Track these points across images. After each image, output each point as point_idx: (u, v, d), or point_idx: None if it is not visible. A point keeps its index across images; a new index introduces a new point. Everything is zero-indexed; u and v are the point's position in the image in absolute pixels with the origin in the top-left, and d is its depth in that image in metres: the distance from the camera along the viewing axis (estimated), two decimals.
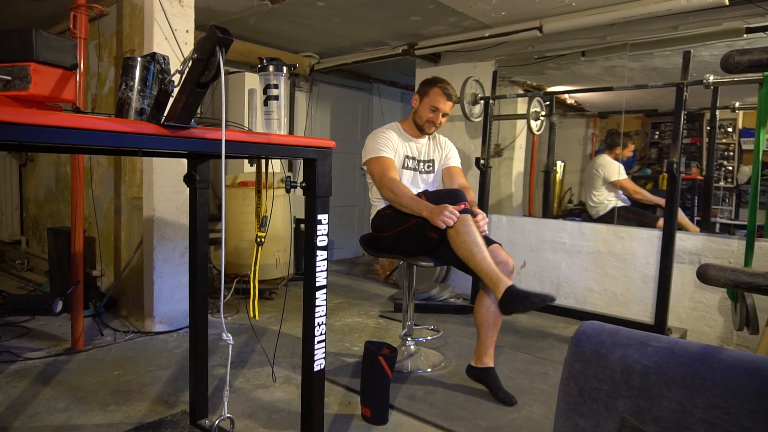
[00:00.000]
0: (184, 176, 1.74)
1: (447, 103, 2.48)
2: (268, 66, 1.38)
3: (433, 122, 2.50)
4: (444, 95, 2.47)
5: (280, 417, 2.00)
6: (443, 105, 2.47)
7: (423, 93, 2.52)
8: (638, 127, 4.94)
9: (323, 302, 1.49)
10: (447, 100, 2.48)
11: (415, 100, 2.56)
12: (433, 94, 2.48)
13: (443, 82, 2.50)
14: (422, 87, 2.54)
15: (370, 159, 2.44)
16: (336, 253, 5.58)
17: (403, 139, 2.54)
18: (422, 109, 2.51)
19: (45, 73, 1.13)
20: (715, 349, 0.83)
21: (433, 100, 2.48)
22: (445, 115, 2.50)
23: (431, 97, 2.48)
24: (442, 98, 2.47)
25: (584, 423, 0.88)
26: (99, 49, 3.40)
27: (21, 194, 4.76)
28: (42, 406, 2.02)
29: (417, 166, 2.57)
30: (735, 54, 1.22)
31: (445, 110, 2.49)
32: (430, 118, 2.49)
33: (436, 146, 2.64)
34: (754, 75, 2.52)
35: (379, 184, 2.40)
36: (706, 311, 3.04)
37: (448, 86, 2.49)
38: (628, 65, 3.68)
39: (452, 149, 2.68)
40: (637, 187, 4.13)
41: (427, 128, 2.52)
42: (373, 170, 2.43)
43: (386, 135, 2.48)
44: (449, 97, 2.48)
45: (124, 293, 3.24)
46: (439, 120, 2.50)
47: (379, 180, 2.39)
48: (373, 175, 2.43)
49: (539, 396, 2.23)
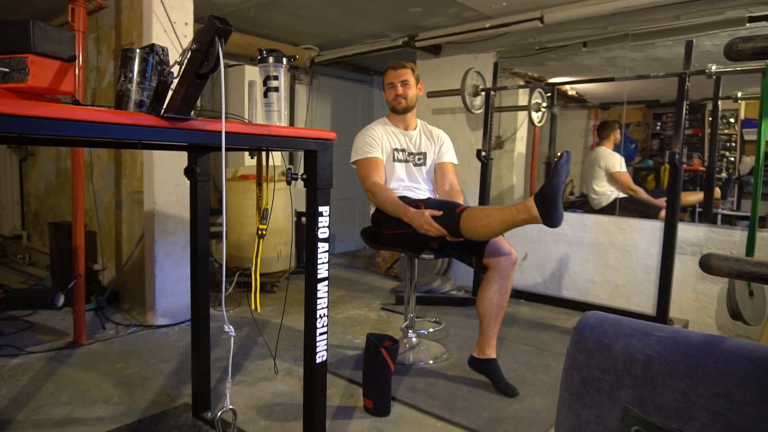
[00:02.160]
0: (184, 169, 1.74)
1: (397, 72, 2.49)
2: (267, 57, 1.38)
3: (397, 96, 2.50)
4: (391, 68, 2.51)
5: (283, 409, 2.00)
6: (394, 76, 2.50)
7: (382, 83, 2.59)
8: (640, 117, 4.92)
9: (325, 294, 1.48)
10: (396, 69, 2.50)
11: (383, 94, 2.61)
12: (385, 76, 2.54)
13: (390, 62, 2.55)
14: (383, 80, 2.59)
15: (357, 161, 2.46)
16: (337, 246, 5.58)
17: (390, 133, 2.53)
18: (385, 94, 2.57)
19: (43, 64, 1.12)
20: (718, 339, 0.82)
21: (386, 79, 2.53)
22: (405, 83, 2.49)
23: (385, 79, 2.55)
24: (391, 72, 2.51)
25: (587, 413, 0.88)
26: (98, 42, 3.39)
27: (21, 189, 4.75)
28: (45, 400, 2.03)
29: (408, 158, 2.54)
30: (739, 41, 1.21)
31: (399, 78, 2.49)
32: (392, 95, 2.52)
33: (429, 139, 2.60)
34: (757, 64, 2.50)
35: (364, 187, 2.43)
36: (707, 302, 3.04)
37: (395, 62, 2.53)
38: (629, 56, 3.66)
39: (446, 143, 2.62)
40: (632, 184, 4.11)
41: (396, 104, 2.52)
42: (360, 172, 2.45)
43: (371, 133, 2.49)
44: (396, 66, 2.50)
45: (126, 287, 3.25)
46: (400, 90, 2.49)
47: (363, 183, 2.42)
48: (360, 177, 2.45)
49: (541, 387, 2.23)
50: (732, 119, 4.35)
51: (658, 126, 4.82)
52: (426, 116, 4.45)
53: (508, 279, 2.18)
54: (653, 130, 4.84)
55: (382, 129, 2.53)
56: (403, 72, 2.49)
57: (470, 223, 2.03)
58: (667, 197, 2.92)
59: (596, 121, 5.03)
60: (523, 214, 1.93)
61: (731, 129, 4.37)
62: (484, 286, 2.21)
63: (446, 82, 4.25)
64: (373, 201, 2.41)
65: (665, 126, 4.74)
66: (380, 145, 2.46)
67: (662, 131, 4.77)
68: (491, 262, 2.16)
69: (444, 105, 4.36)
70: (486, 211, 2.01)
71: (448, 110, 4.35)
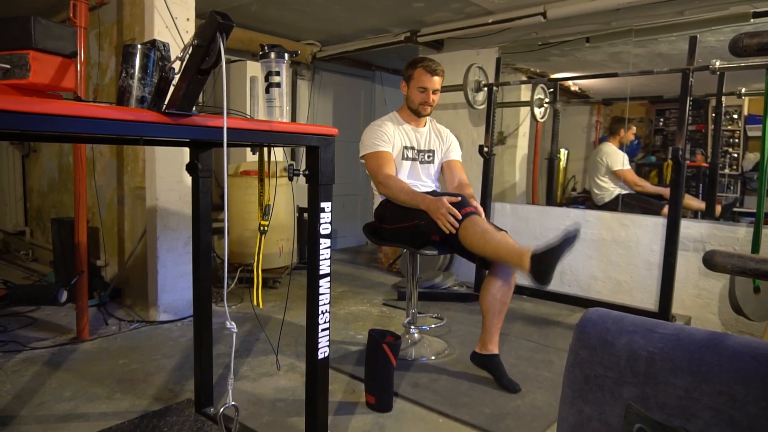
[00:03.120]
0: (186, 165, 1.74)
1: (433, 79, 2.42)
2: (269, 53, 1.37)
3: (425, 102, 2.45)
4: (428, 72, 2.41)
5: (285, 405, 2.01)
6: (430, 83, 2.42)
7: (408, 77, 2.48)
8: (643, 113, 4.90)
9: (327, 290, 1.48)
10: (432, 76, 2.42)
11: (403, 86, 2.52)
12: (418, 75, 2.43)
13: (425, 60, 2.44)
14: (406, 71, 2.49)
15: (367, 154, 2.42)
16: (339, 241, 5.58)
17: (400, 130, 2.50)
18: (412, 93, 2.47)
19: (44, 61, 1.12)
20: (721, 336, 0.82)
21: (419, 81, 2.43)
22: (435, 91, 2.45)
23: (417, 79, 2.44)
24: (426, 76, 2.41)
25: (589, 410, 0.88)
26: (99, 38, 3.38)
27: (24, 185, 4.76)
28: (48, 395, 2.04)
29: (416, 156, 2.53)
30: (744, 37, 1.20)
31: (434, 87, 2.44)
32: (422, 99, 2.45)
33: (437, 136, 2.60)
34: (762, 60, 2.49)
35: (375, 181, 2.40)
36: (710, 298, 3.03)
37: (431, 62, 2.43)
38: (632, 51, 3.64)
39: (454, 141, 2.63)
40: (637, 179, 4.11)
41: (422, 110, 2.48)
42: (370, 166, 2.41)
43: (382, 128, 2.44)
44: (434, 73, 2.42)
45: (129, 283, 3.25)
46: (430, 99, 2.45)
47: (375, 176, 2.38)
48: (369, 170, 2.42)
49: (543, 383, 2.23)
50: (735, 115, 4.33)
51: (661, 122, 4.79)
52: None
53: (511, 275, 2.18)
54: (656, 126, 4.82)
55: (394, 126, 2.49)
56: (438, 80, 2.44)
57: (467, 234, 2.06)
58: (670, 193, 2.91)
59: (599, 117, 5.01)
60: (515, 260, 1.96)
61: (735, 125, 4.35)
62: (488, 282, 2.21)
63: (449, 77, 4.19)
64: (385, 193, 2.36)
65: (668, 122, 4.72)
66: (391, 143, 2.43)
67: (665, 127, 4.75)
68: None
69: (446, 100, 4.34)
70: (486, 234, 2.03)
71: (451, 106, 4.34)
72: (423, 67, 2.42)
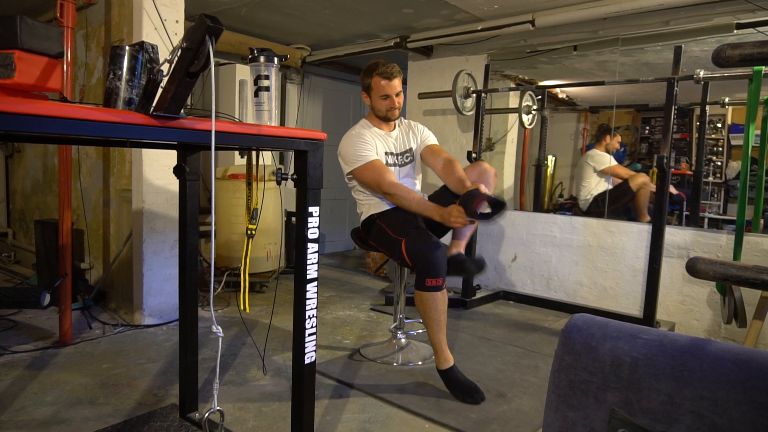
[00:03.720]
0: (173, 168, 1.73)
1: (392, 84, 2.37)
2: (258, 57, 1.37)
3: (391, 108, 2.42)
4: (385, 78, 2.36)
5: (271, 410, 1.99)
6: (390, 88, 2.37)
7: (367, 87, 2.44)
8: (629, 122, 4.97)
9: (314, 295, 1.48)
10: (391, 81, 2.36)
11: (364, 97, 2.48)
12: (376, 84, 2.38)
13: (378, 67, 2.37)
14: (363, 81, 2.44)
15: (357, 168, 2.34)
16: (327, 246, 5.57)
17: (376, 136, 2.45)
18: (376, 103, 2.43)
19: (30, 61, 1.11)
20: (703, 342, 0.83)
21: (379, 90, 2.38)
22: (398, 94, 2.41)
23: (376, 88, 2.39)
24: (385, 82, 2.36)
25: (574, 415, 0.88)
26: (87, 38, 3.35)
27: (7, 186, 4.69)
28: (29, 400, 2.01)
29: (396, 161, 2.50)
30: (727, 48, 1.23)
31: (395, 90, 2.39)
32: (387, 106, 2.41)
33: (410, 134, 2.56)
34: (744, 70, 2.53)
35: (380, 192, 2.32)
36: (694, 305, 3.07)
37: (385, 68, 2.37)
38: (619, 60, 3.70)
39: (425, 131, 2.59)
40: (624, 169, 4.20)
41: (391, 115, 2.44)
42: (366, 178, 2.34)
43: (362, 137, 2.39)
44: (391, 77, 2.36)
45: (113, 286, 3.22)
46: (395, 103, 2.41)
47: (379, 187, 2.30)
48: (369, 183, 2.34)
49: (529, 388, 2.24)
50: (719, 124, 4.41)
51: (646, 130, 4.86)
52: (417, 117, 4.46)
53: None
54: (642, 134, 4.89)
55: (370, 133, 2.44)
56: (398, 82, 2.39)
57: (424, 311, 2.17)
58: (655, 200, 2.95)
59: (586, 124, 5.07)
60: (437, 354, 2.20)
61: (718, 134, 4.43)
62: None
63: (437, 83, 4.26)
64: (396, 203, 2.29)
65: (654, 130, 4.79)
66: (375, 149, 2.38)
67: (651, 135, 4.82)
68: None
69: (435, 106, 4.37)
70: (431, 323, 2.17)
71: (440, 111, 4.36)
72: (379, 75, 2.37)
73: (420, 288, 2.13)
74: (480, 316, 3.36)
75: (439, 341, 2.16)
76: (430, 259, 2.11)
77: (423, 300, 2.14)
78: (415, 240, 2.15)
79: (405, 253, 2.15)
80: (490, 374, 2.37)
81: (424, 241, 2.13)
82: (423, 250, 2.12)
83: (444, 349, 2.17)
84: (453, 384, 2.15)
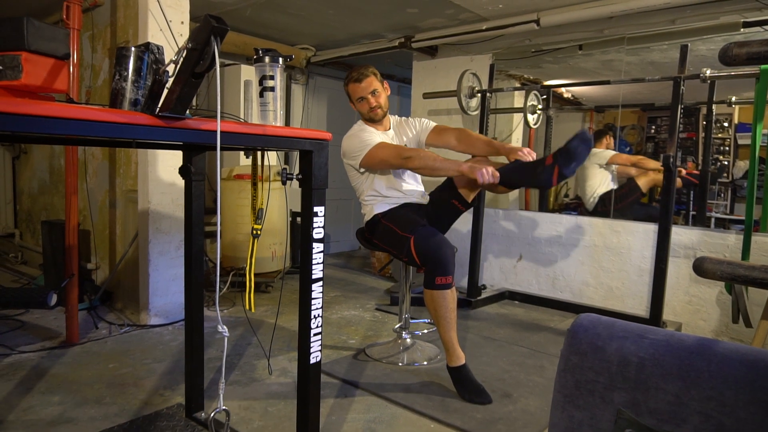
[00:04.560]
0: (179, 168, 1.73)
1: (362, 86, 2.39)
2: (264, 57, 1.37)
3: (372, 108, 2.42)
4: (355, 82, 2.40)
5: (276, 410, 2.00)
6: (362, 90, 2.39)
7: (348, 96, 2.48)
8: (635, 121, 4.94)
9: (319, 295, 1.48)
10: (360, 83, 2.39)
11: (351, 105, 2.52)
12: (352, 91, 2.43)
13: (349, 75, 2.43)
14: (345, 90, 2.49)
15: (367, 154, 2.32)
16: (332, 246, 5.57)
17: (374, 133, 2.45)
18: (357, 107, 2.46)
19: (37, 62, 1.11)
20: (711, 342, 0.82)
21: (355, 94, 2.43)
22: (374, 92, 2.41)
23: (352, 94, 2.44)
24: (357, 87, 2.40)
25: (580, 415, 0.88)
26: (93, 40, 3.37)
27: (14, 187, 4.72)
28: (36, 400, 2.02)
29: None
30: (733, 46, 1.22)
31: (368, 90, 2.40)
32: (366, 107, 2.43)
33: (407, 129, 2.57)
34: (751, 69, 2.52)
35: (399, 165, 2.27)
36: (700, 305, 3.05)
37: (354, 73, 2.41)
38: (625, 59, 3.68)
39: (422, 120, 2.59)
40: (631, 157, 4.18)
41: (374, 115, 2.45)
42: (382, 156, 2.29)
43: (362, 131, 2.42)
44: (360, 79, 2.38)
45: (120, 286, 3.23)
46: (374, 101, 2.41)
47: (397, 159, 2.25)
48: (386, 159, 2.29)
49: (535, 389, 2.24)
50: (726, 123, 4.38)
51: (652, 129, 4.84)
52: (422, 117, 4.45)
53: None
54: (648, 133, 4.86)
55: (368, 129, 2.45)
56: (368, 82, 2.39)
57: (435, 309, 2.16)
58: (661, 200, 2.93)
59: (591, 124, 5.05)
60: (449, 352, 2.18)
61: (725, 133, 4.40)
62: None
63: (442, 83, 4.26)
64: (419, 165, 2.18)
65: (660, 129, 4.76)
66: (377, 136, 2.39)
67: (657, 134, 4.79)
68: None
69: (440, 106, 4.36)
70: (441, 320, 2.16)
71: (444, 111, 4.35)
72: (350, 81, 2.42)
73: (430, 286, 2.13)
74: (485, 316, 3.35)
75: (450, 339, 2.16)
76: (439, 257, 2.10)
77: (433, 298, 2.14)
78: (423, 237, 2.14)
79: (414, 251, 2.14)
80: (495, 374, 2.36)
81: (433, 239, 2.13)
82: (432, 248, 2.12)
83: (455, 347, 2.17)
84: (462, 382, 2.14)
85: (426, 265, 2.13)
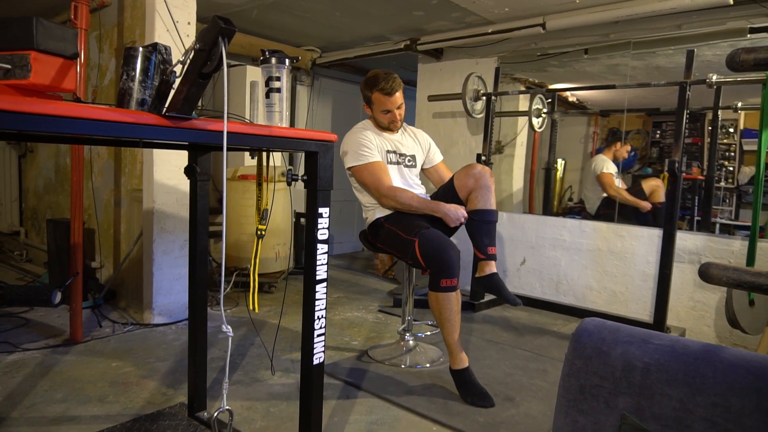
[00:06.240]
0: (184, 168, 1.74)
1: (393, 99, 2.36)
2: (270, 58, 1.38)
3: (393, 120, 2.43)
4: (385, 95, 2.35)
5: (279, 410, 2.00)
6: (391, 103, 2.37)
7: (367, 101, 2.44)
8: (640, 125, 4.94)
9: (323, 296, 1.48)
10: (391, 97, 2.36)
11: (365, 108, 2.48)
12: (376, 100, 2.39)
13: (378, 83, 2.36)
14: (363, 93, 2.44)
15: (356, 167, 2.35)
16: (336, 247, 5.58)
17: (379, 135, 2.45)
18: (378, 116, 2.43)
19: (45, 61, 1.12)
20: (716, 348, 0.82)
21: (380, 105, 2.39)
22: (400, 106, 2.41)
23: (377, 103, 2.39)
24: (386, 99, 2.36)
25: (584, 420, 0.88)
26: (100, 40, 3.39)
27: (20, 185, 4.74)
28: (40, 397, 2.02)
29: (400, 160, 2.49)
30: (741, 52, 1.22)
31: (397, 104, 2.39)
32: (389, 119, 2.42)
33: (414, 141, 2.57)
34: (758, 75, 2.51)
35: (377, 195, 2.34)
36: (705, 311, 3.04)
37: (385, 83, 2.34)
38: (630, 64, 3.67)
39: (432, 144, 2.62)
40: (613, 185, 4.16)
41: (393, 128, 2.46)
42: (365, 179, 2.35)
43: (364, 135, 2.38)
44: (391, 93, 2.35)
45: (124, 285, 3.24)
46: (397, 116, 2.42)
47: (377, 191, 2.32)
48: (366, 185, 2.36)
49: (538, 393, 2.23)
50: (731, 129, 4.37)
51: (657, 134, 4.83)
52: (427, 120, 4.46)
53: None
54: (653, 138, 4.86)
55: (372, 132, 2.44)
56: (399, 96, 2.37)
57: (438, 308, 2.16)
58: (666, 205, 2.92)
59: (596, 128, 5.04)
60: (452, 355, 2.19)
61: (731, 139, 4.39)
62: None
63: (447, 86, 4.26)
64: (394, 206, 2.31)
65: (665, 134, 4.75)
66: (377, 148, 2.39)
67: (662, 139, 4.78)
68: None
69: (445, 109, 4.36)
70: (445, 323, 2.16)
71: (449, 114, 4.35)
72: (379, 91, 2.36)
73: (434, 289, 2.13)
74: (488, 319, 3.35)
75: (454, 341, 2.16)
76: (444, 259, 2.10)
77: (438, 300, 2.14)
78: (428, 240, 2.14)
79: (419, 254, 2.14)
80: (498, 378, 2.36)
81: (437, 241, 2.13)
82: (437, 250, 2.11)
83: (459, 350, 2.17)
84: (464, 386, 2.14)
85: (431, 268, 2.13)
